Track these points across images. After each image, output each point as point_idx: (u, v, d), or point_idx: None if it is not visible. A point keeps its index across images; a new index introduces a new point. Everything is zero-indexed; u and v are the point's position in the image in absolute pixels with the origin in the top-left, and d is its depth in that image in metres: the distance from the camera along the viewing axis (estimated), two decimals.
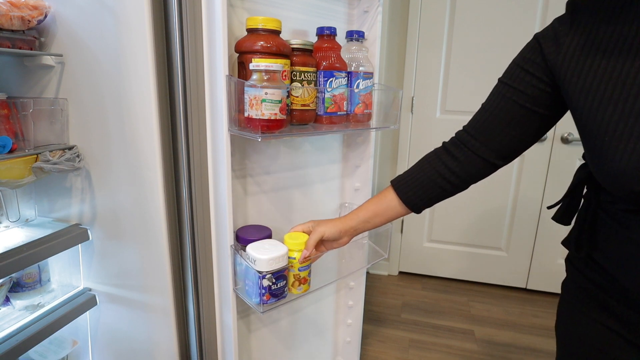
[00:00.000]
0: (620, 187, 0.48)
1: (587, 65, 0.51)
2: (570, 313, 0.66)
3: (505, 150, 0.65)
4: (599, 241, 0.59)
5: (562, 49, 0.54)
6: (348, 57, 0.96)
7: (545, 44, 0.56)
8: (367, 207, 0.78)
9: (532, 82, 0.59)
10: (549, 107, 0.60)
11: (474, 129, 0.67)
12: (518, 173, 2.05)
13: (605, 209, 0.57)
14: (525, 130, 0.63)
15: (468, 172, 0.68)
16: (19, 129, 0.84)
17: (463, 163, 0.68)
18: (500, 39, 1.90)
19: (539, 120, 0.61)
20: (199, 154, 0.85)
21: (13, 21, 0.80)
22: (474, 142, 0.66)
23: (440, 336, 1.78)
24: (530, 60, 0.59)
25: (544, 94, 0.58)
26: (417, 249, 2.31)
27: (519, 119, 0.62)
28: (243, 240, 0.88)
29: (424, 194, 0.72)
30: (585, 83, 0.51)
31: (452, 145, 0.70)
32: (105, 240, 0.98)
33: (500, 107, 0.63)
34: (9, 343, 0.83)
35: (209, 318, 0.95)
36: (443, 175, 0.70)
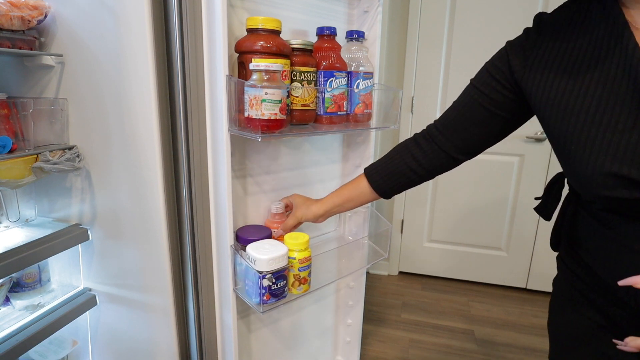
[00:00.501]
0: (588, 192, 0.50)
1: (550, 78, 0.54)
2: (560, 309, 0.68)
3: (467, 147, 0.70)
4: (580, 238, 0.61)
5: (527, 62, 0.58)
6: (348, 57, 0.96)
7: (512, 56, 0.61)
8: (341, 193, 0.86)
9: (497, 87, 0.63)
10: (511, 112, 0.64)
11: (442, 125, 0.72)
12: (518, 173, 2.05)
13: (586, 207, 0.59)
14: (488, 131, 0.67)
15: (432, 164, 0.74)
16: (19, 129, 0.84)
17: (429, 155, 0.73)
18: (500, 39, 1.88)
19: (502, 122, 0.65)
20: (199, 154, 0.85)
21: (13, 21, 0.80)
22: (440, 136, 0.72)
23: (440, 336, 1.78)
24: (498, 68, 0.63)
25: (507, 100, 0.62)
26: (417, 249, 2.31)
27: (483, 119, 0.66)
28: (243, 240, 0.88)
29: (392, 182, 0.78)
30: (549, 95, 0.54)
31: (421, 137, 0.76)
32: (105, 240, 0.98)
33: (466, 107, 0.68)
34: (9, 343, 0.83)
35: (209, 318, 0.95)
36: (410, 166, 0.75)
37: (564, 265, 0.67)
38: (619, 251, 0.52)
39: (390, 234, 1.09)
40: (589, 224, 0.59)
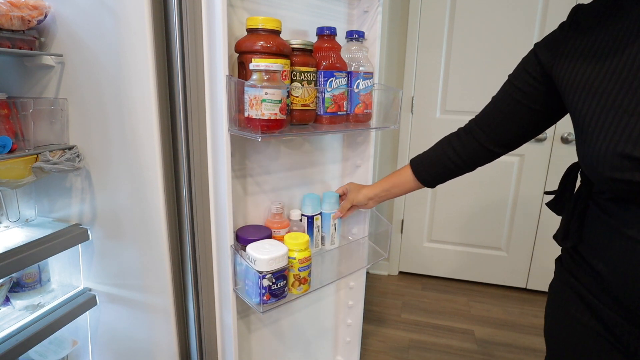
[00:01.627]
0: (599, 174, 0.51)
1: (579, 64, 0.56)
2: (556, 315, 0.67)
3: (503, 140, 0.74)
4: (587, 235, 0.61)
5: (558, 52, 0.60)
6: (348, 57, 0.96)
7: (540, 52, 0.64)
8: (388, 179, 0.94)
9: (529, 81, 0.66)
10: (543, 105, 0.66)
11: (480, 119, 0.76)
12: (518, 173, 2.05)
13: (595, 200, 0.60)
14: (522, 124, 0.70)
15: (471, 157, 0.78)
16: (19, 129, 0.84)
17: (467, 148, 0.78)
18: (500, 39, 1.90)
19: (535, 116, 0.68)
20: (199, 154, 0.85)
21: (13, 21, 0.80)
22: (478, 130, 0.76)
23: (440, 336, 1.78)
24: (530, 62, 0.67)
25: (539, 93, 0.65)
26: (417, 249, 2.31)
27: (516, 113, 0.69)
28: (243, 240, 0.88)
29: (433, 171, 0.84)
30: (575, 79, 0.56)
31: (462, 131, 0.80)
32: (105, 240, 0.98)
33: (502, 101, 0.72)
34: (9, 343, 0.83)
35: (209, 318, 0.95)
36: (449, 157, 0.81)
37: (562, 268, 0.67)
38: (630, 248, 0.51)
39: (390, 234, 1.09)
40: (596, 217, 0.59)
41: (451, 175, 0.83)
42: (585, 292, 0.60)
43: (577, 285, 0.61)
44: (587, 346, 0.60)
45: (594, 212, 0.60)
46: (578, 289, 0.61)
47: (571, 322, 0.62)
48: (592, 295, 0.59)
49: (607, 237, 0.56)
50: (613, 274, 0.54)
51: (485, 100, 0.77)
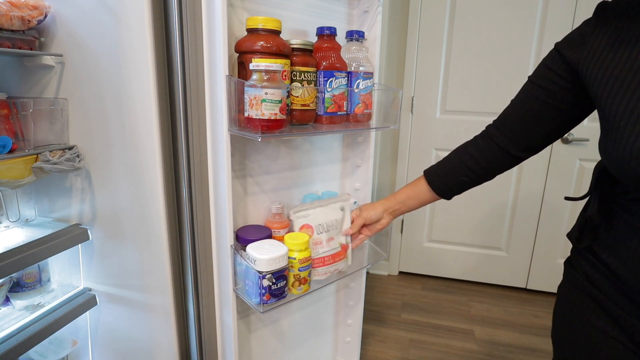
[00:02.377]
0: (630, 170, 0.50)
1: (609, 58, 0.54)
2: (567, 318, 0.65)
3: (526, 143, 0.70)
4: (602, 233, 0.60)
5: (586, 47, 0.57)
6: (348, 57, 0.96)
7: (564, 50, 0.61)
8: (403, 191, 0.89)
9: (554, 78, 0.63)
10: (569, 104, 0.63)
11: (501, 123, 0.72)
12: (518, 173, 2.05)
13: (618, 201, 0.59)
14: (547, 125, 0.67)
15: (491, 163, 0.74)
16: (19, 129, 0.84)
17: (486, 154, 0.74)
18: (500, 39, 1.90)
19: (560, 116, 0.65)
20: (199, 154, 0.85)
21: (13, 21, 0.80)
22: (498, 134, 0.72)
23: (440, 336, 1.78)
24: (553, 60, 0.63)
25: (564, 90, 0.62)
26: (417, 249, 2.31)
27: (540, 113, 0.66)
28: (243, 240, 0.88)
29: (449, 181, 0.79)
30: (605, 74, 0.54)
31: (480, 137, 0.76)
32: (105, 240, 0.98)
33: (524, 103, 0.68)
34: (9, 343, 0.83)
35: (209, 318, 0.95)
36: (467, 165, 0.76)
37: (572, 269, 0.65)
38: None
39: (390, 234, 1.09)
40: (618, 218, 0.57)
41: (469, 185, 0.78)
42: (599, 295, 0.58)
43: (590, 287, 0.60)
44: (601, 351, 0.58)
45: (614, 212, 0.58)
46: (591, 291, 0.59)
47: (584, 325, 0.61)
48: (607, 298, 0.57)
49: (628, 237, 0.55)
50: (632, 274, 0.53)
51: (486, 100, 0.76)
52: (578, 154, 1.94)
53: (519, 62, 1.89)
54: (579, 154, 1.93)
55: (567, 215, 2.03)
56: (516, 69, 1.90)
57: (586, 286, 0.61)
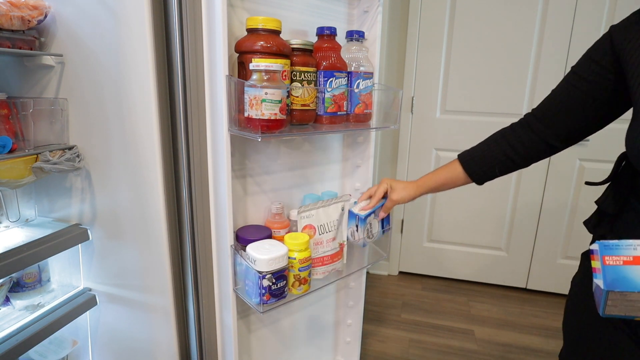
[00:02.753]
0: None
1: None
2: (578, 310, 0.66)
3: (565, 134, 0.70)
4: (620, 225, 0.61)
5: (630, 35, 0.58)
6: (348, 57, 0.96)
7: (615, 33, 0.60)
8: (437, 178, 0.89)
9: (596, 69, 0.63)
10: (610, 96, 0.63)
11: (540, 112, 0.72)
12: (518, 173, 2.05)
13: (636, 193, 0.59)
14: (585, 116, 0.67)
15: (529, 152, 0.75)
16: (19, 129, 0.84)
17: (525, 143, 0.74)
18: (500, 39, 1.90)
19: (599, 107, 0.65)
20: (199, 154, 0.85)
21: (13, 21, 0.80)
22: (538, 124, 0.72)
23: (440, 336, 1.78)
24: (598, 49, 0.63)
25: (606, 82, 0.62)
26: (417, 249, 2.31)
27: (580, 104, 0.66)
28: (243, 240, 0.88)
29: (487, 168, 0.80)
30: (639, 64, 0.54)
31: (518, 126, 0.76)
32: (105, 240, 0.98)
33: (565, 93, 0.68)
34: (9, 343, 0.83)
35: (209, 318, 0.95)
36: (506, 153, 0.77)
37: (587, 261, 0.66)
38: None
39: (391, 234, 1.08)
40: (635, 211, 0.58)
41: (506, 171, 0.80)
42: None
43: None
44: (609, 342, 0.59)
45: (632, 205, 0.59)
46: None
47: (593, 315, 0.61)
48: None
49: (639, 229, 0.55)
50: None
51: (486, 100, 0.76)
52: (578, 154, 1.93)
53: (519, 62, 1.89)
54: (579, 154, 1.93)
55: (567, 216, 2.03)
56: (516, 69, 1.90)
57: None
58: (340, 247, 1.00)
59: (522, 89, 1.90)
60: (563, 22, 1.81)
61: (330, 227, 0.97)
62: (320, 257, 0.95)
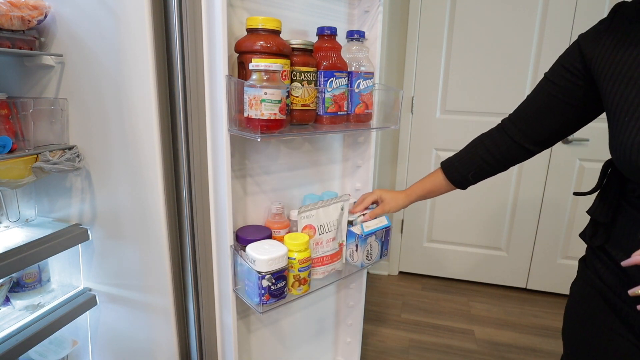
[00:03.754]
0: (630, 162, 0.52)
1: (618, 57, 0.57)
2: (578, 316, 0.66)
3: (538, 137, 0.73)
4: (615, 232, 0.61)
5: (599, 44, 0.60)
6: (348, 57, 0.96)
7: (583, 43, 0.63)
8: (423, 186, 0.94)
9: (567, 76, 0.66)
10: (581, 100, 0.66)
11: (516, 117, 0.76)
12: (518, 173, 2.05)
13: (627, 198, 0.60)
14: (558, 121, 0.70)
15: (504, 156, 0.78)
16: (19, 129, 0.84)
17: (501, 147, 0.77)
18: (500, 39, 1.90)
19: (572, 112, 0.68)
20: (199, 154, 0.85)
21: (13, 21, 0.80)
22: (513, 128, 0.75)
23: (440, 336, 1.78)
24: (568, 56, 0.66)
25: (577, 88, 0.65)
26: (417, 249, 2.31)
27: (553, 109, 0.69)
28: (243, 241, 0.88)
29: (466, 173, 0.83)
30: (614, 71, 0.57)
31: (495, 131, 0.80)
32: (105, 240, 0.98)
33: (539, 99, 0.71)
34: (9, 343, 0.83)
35: (209, 318, 0.95)
36: (483, 157, 0.80)
37: (586, 267, 0.66)
38: None
39: (391, 234, 1.09)
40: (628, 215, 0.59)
41: (484, 175, 0.82)
42: (610, 294, 0.59)
43: (601, 285, 0.61)
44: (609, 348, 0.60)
45: (625, 211, 0.60)
46: (602, 289, 0.61)
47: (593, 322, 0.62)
48: (616, 296, 0.58)
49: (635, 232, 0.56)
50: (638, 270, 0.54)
51: (485, 100, 0.77)
52: (578, 154, 1.93)
53: (518, 62, 1.89)
54: (579, 154, 1.93)
55: (567, 216, 2.03)
56: (516, 69, 1.89)
57: (597, 284, 0.62)
58: (340, 247, 1.00)
59: (522, 89, 1.90)
60: (563, 22, 1.81)
61: (330, 227, 0.96)
62: (320, 257, 0.95)
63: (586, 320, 0.64)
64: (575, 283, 0.70)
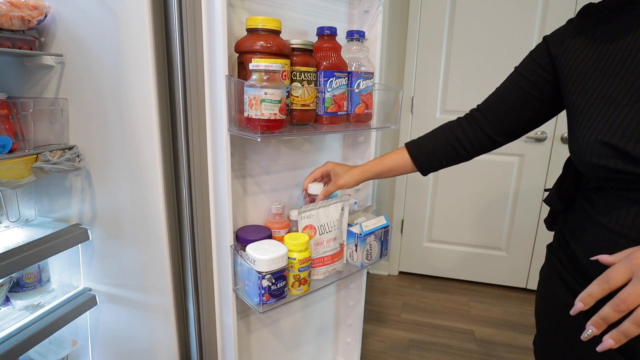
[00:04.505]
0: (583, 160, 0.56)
1: (580, 59, 0.60)
2: (544, 296, 0.72)
3: (506, 129, 0.75)
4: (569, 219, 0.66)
5: (563, 45, 0.63)
6: (349, 57, 0.96)
7: (551, 42, 0.66)
8: (383, 163, 0.90)
9: (538, 71, 0.68)
10: (548, 95, 0.68)
11: (485, 108, 0.78)
12: (518, 173, 2.05)
13: (581, 190, 0.64)
14: (526, 114, 0.72)
15: (472, 144, 0.79)
16: (19, 129, 0.84)
17: (470, 137, 0.78)
18: (500, 38, 1.90)
19: (539, 106, 0.70)
20: (199, 154, 0.85)
21: (13, 21, 0.80)
22: (482, 119, 0.77)
23: (440, 336, 1.78)
24: (539, 51, 0.68)
25: (546, 83, 0.67)
26: (417, 249, 2.31)
27: (522, 102, 0.71)
28: (243, 241, 0.88)
29: (433, 159, 0.83)
30: (574, 72, 0.60)
31: (465, 120, 0.81)
32: (105, 240, 0.98)
33: (508, 91, 0.73)
34: (9, 343, 0.83)
35: (209, 318, 0.95)
36: (452, 145, 0.80)
37: (549, 252, 0.72)
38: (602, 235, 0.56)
39: (391, 234, 1.09)
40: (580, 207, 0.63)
41: (451, 163, 0.84)
42: (566, 274, 0.64)
43: (560, 267, 0.66)
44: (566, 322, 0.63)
45: (578, 201, 0.64)
46: (560, 271, 0.66)
47: (555, 302, 0.67)
48: (571, 277, 0.63)
49: (585, 224, 0.60)
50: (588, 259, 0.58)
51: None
52: None
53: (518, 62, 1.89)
54: None
55: None
56: None
57: (556, 264, 0.67)
58: (341, 247, 1.00)
59: None
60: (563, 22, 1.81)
61: (331, 227, 0.96)
62: (320, 258, 0.95)
63: (549, 298, 0.69)
64: (542, 266, 0.75)
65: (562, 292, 0.65)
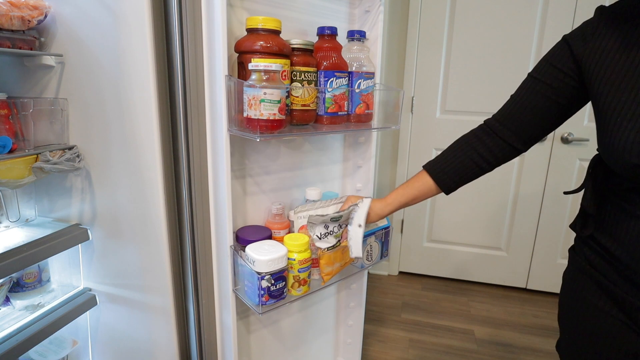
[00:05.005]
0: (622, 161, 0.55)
1: (615, 60, 0.58)
2: (570, 300, 0.70)
3: (528, 137, 0.74)
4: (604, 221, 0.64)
5: (588, 45, 0.62)
6: (349, 57, 0.96)
7: (573, 42, 0.64)
8: (407, 192, 0.87)
9: (559, 76, 0.66)
10: (569, 99, 0.68)
11: (504, 118, 0.75)
12: (518, 173, 2.05)
13: (614, 191, 0.63)
14: (546, 119, 0.71)
15: (496, 157, 0.78)
16: (19, 129, 0.84)
17: (493, 149, 0.77)
18: (500, 39, 1.89)
19: (559, 110, 0.70)
20: (198, 154, 0.85)
21: (13, 21, 0.80)
22: (503, 129, 0.75)
23: (440, 336, 1.78)
24: (558, 56, 0.67)
25: (568, 87, 0.66)
26: (417, 249, 2.31)
27: (545, 109, 0.70)
28: (243, 241, 0.88)
29: (457, 177, 0.81)
30: (605, 74, 0.59)
31: (482, 132, 0.79)
32: (105, 240, 0.98)
33: (527, 98, 0.72)
34: (9, 343, 0.83)
35: (208, 318, 0.95)
36: (476, 162, 0.79)
37: (576, 255, 0.70)
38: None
39: (391, 234, 1.09)
40: (616, 206, 0.62)
41: (474, 178, 0.82)
42: (602, 279, 0.63)
43: (593, 272, 0.64)
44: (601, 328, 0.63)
45: (612, 202, 0.63)
46: (595, 276, 0.64)
47: (588, 307, 0.65)
48: (609, 281, 0.62)
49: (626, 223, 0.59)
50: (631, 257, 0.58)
51: (486, 100, 0.77)
52: (578, 154, 1.93)
53: (519, 61, 1.89)
54: (579, 153, 1.93)
55: (567, 215, 2.02)
56: (516, 68, 1.89)
57: (587, 269, 0.66)
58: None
59: None
60: (563, 22, 1.81)
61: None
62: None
63: (579, 303, 0.67)
64: (566, 271, 0.73)
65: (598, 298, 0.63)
